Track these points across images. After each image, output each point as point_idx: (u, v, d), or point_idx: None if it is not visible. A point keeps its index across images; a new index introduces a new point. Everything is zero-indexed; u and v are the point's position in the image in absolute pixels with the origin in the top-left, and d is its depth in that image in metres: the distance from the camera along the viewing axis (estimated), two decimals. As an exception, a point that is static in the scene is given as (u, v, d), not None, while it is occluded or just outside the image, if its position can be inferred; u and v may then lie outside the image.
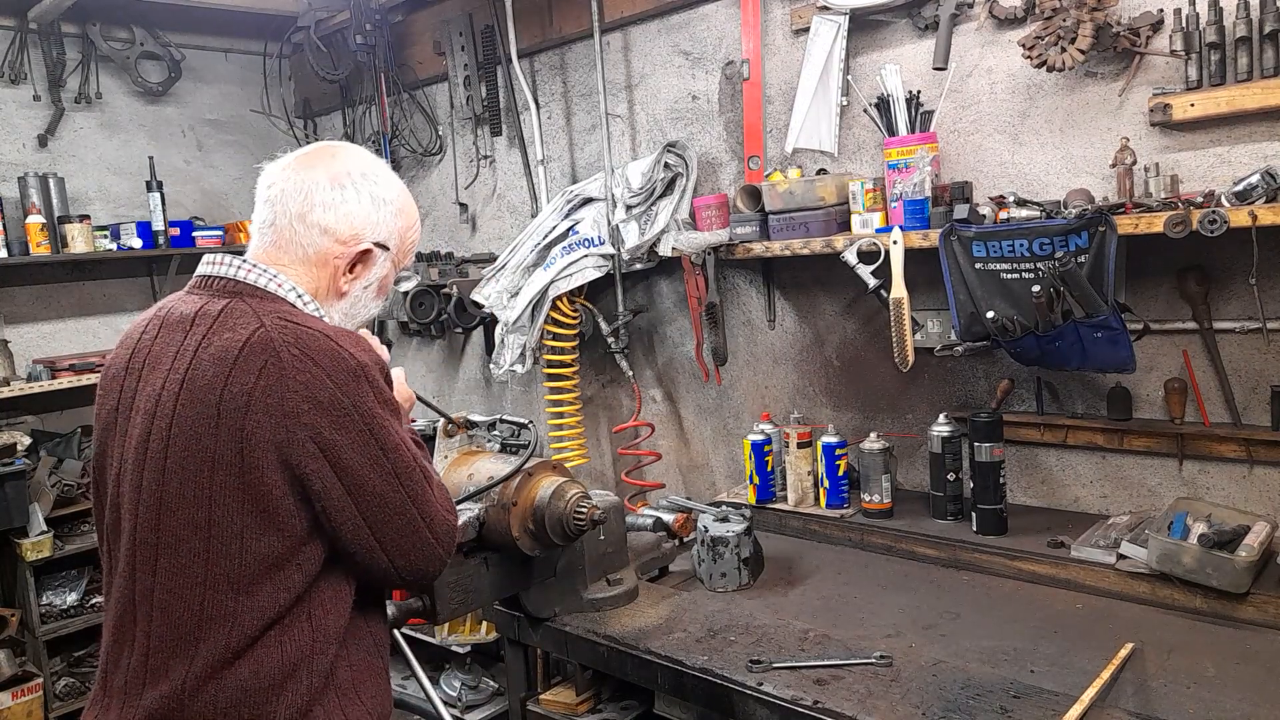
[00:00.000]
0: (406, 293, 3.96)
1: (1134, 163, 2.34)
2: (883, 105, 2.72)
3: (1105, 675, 1.80)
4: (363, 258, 1.56)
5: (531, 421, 2.35)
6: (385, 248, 1.58)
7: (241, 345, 1.37)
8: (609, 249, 3.36)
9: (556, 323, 3.52)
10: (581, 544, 2.19)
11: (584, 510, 2.02)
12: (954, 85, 2.68)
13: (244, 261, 1.51)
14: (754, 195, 2.96)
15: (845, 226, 2.77)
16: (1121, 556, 2.23)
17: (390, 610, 1.80)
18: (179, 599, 1.36)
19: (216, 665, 1.34)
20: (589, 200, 3.49)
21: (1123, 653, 1.91)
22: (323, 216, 1.52)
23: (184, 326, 1.45)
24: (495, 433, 2.38)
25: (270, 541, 1.36)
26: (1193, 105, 2.26)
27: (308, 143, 5.03)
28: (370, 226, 1.56)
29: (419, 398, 2.02)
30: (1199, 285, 2.36)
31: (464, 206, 4.31)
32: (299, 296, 1.50)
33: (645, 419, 3.56)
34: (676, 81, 3.42)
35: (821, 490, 2.80)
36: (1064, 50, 2.35)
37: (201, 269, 1.53)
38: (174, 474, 1.37)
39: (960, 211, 2.47)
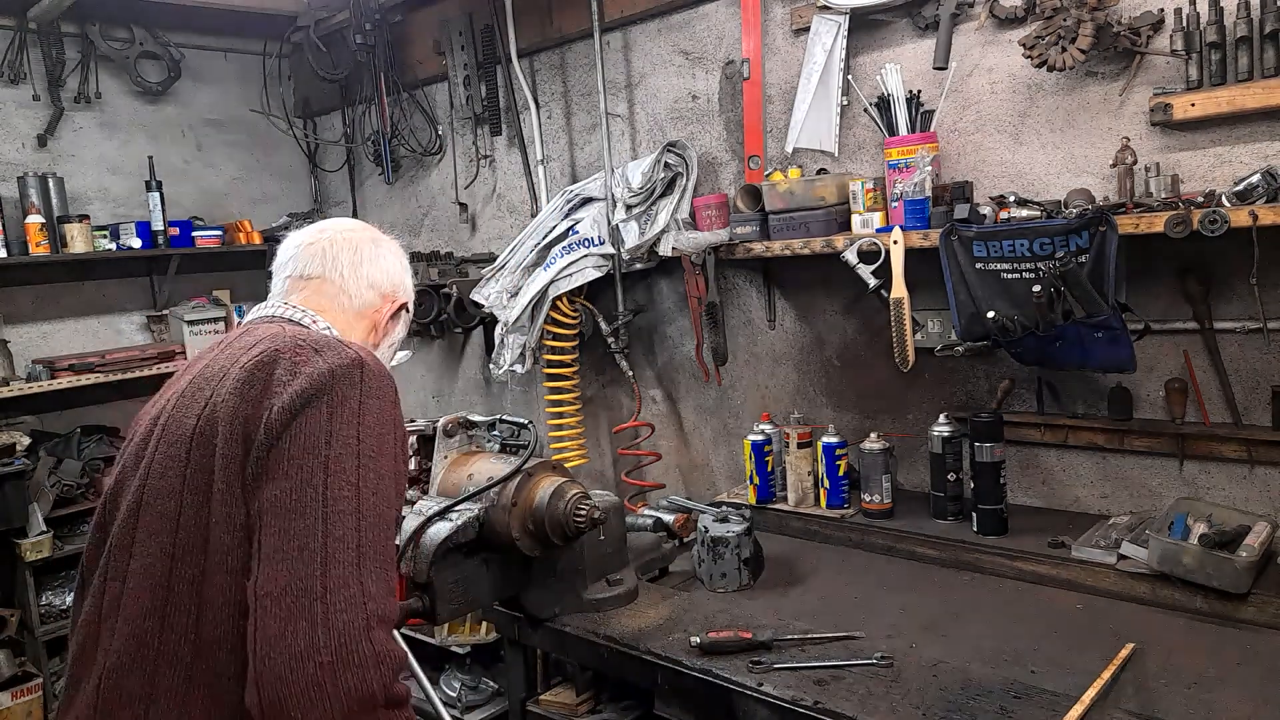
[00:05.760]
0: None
1: (1134, 162, 2.34)
2: (883, 105, 2.71)
3: (1106, 676, 1.80)
4: (396, 314, 1.67)
5: (531, 422, 2.34)
6: (408, 309, 1.72)
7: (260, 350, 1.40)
8: (609, 249, 3.35)
9: (556, 323, 3.52)
10: (581, 544, 2.18)
11: (583, 510, 2.02)
12: (954, 85, 2.68)
13: (284, 303, 1.57)
14: (754, 195, 2.96)
15: (845, 226, 2.77)
16: (1122, 557, 2.23)
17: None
18: None
19: None
20: (589, 200, 3.49)
21: (1123, 653, 1.90)
22: (371, 270, 1.63)
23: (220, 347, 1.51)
24: (495, 433, 2.37)
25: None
26: (1193, 105, 2.25)
27: (307, 142, 5.06)
28: (403, 286, 1.69)
29: None
30: (1200, 285, 2.35)
31: (464, 206, 4.30)
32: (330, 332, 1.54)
33: (645, 419, 3.55)
34: (676, 81, 3.41)
35: (822, 490, 2.80)
36: (1064, 50, 2.35)
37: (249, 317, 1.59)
38: None
39: (961, 211, 2.47)
